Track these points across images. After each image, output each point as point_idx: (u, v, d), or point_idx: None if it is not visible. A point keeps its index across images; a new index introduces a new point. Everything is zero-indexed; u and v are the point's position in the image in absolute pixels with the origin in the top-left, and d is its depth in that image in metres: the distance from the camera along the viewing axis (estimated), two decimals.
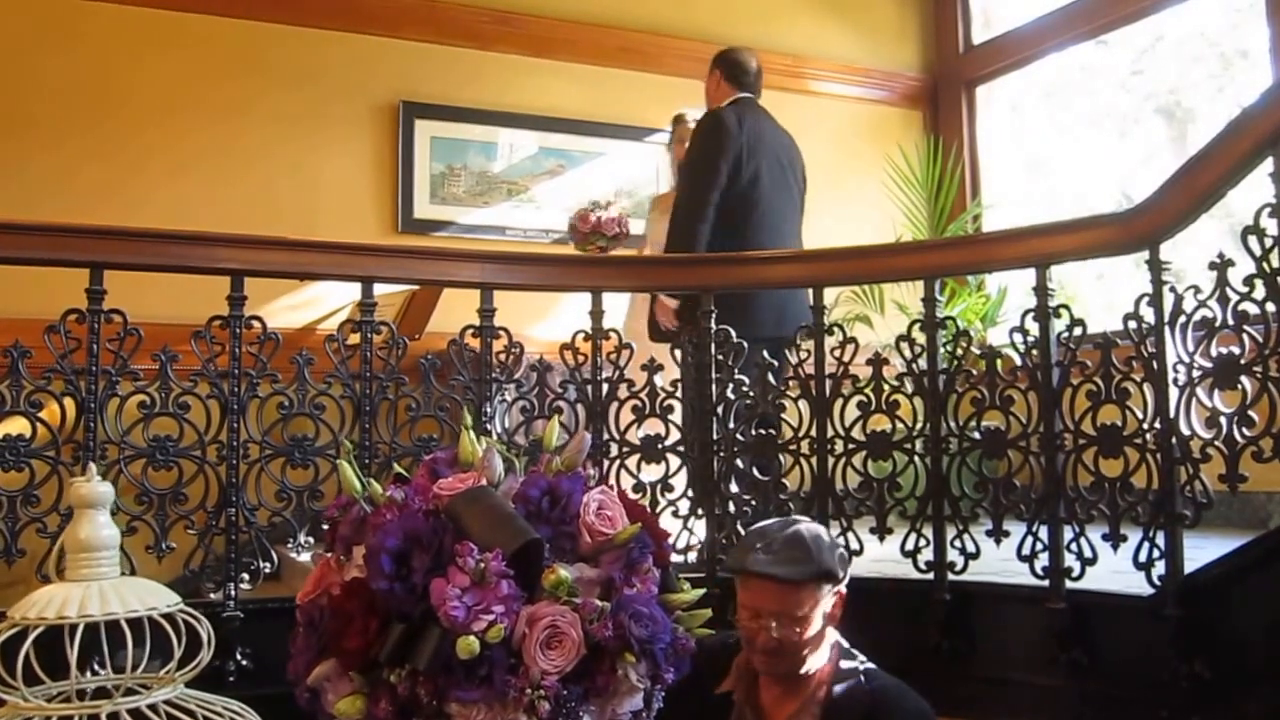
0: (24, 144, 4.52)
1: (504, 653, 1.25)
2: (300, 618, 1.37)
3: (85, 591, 0.99)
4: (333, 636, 1.30)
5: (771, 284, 3.33)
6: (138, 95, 4.78)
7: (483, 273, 2.96)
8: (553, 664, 1.26)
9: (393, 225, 5.09)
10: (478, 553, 1.26)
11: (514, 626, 1.26)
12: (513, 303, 3.07)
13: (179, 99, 4.83)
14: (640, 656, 1.30)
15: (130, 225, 2.82)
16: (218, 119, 4.88)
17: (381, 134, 5.17)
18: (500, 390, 2.93)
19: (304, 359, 2.79)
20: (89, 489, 1.04)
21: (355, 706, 1.28)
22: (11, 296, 2.83)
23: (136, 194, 4.57)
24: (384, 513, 1.34)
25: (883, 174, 5.62)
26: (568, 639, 1.27)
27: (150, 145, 4.74)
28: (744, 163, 3.86)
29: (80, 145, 4.62)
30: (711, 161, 3.81)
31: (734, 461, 2.97)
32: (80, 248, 2.69)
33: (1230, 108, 4.85)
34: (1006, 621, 2.74)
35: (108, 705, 0.95)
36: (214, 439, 2.72)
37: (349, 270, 2.95)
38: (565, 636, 1.27)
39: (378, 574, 1.28)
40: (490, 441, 1.42)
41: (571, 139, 5.41)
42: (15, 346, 2.60)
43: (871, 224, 5.14)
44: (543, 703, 1.25)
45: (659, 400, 2.96)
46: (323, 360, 2.82)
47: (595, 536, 1.36)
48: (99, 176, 4.57)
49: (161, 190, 4.61)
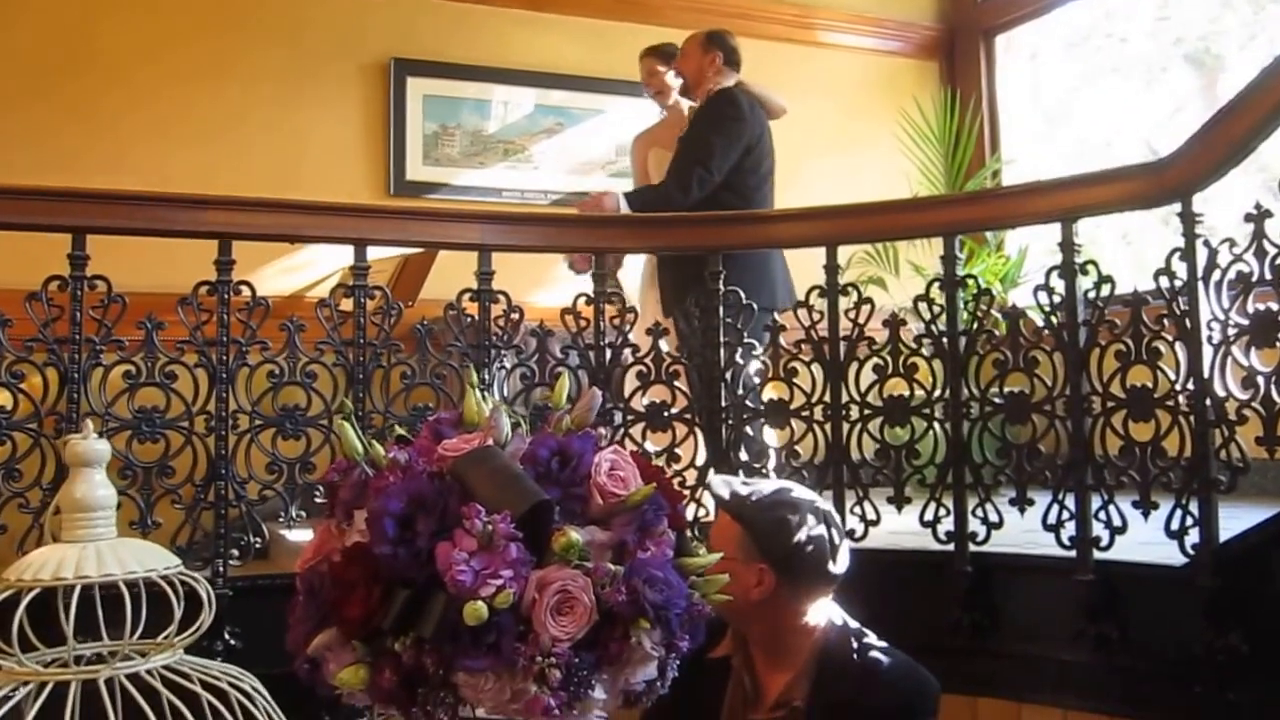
0: None
1: (513, 619, 1.25)
2: (299, 586, 1.37)
3: (81, 553, 0.99)
4: (334, 605, 1.30)
5: (782, 243, 3.33)
6: (113, 51, 4.75)
7: (481, 234, 2.95)
8: (564, 631, 1.26)
9: (384, 188, 5.07)
10: (485, 515, 1.26)
11: (523, 592, 1.26)
12: (512, 266, 3.07)
13: (156, 56, 4.80)
14: (654, 623, 1.30)
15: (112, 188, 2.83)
16: (198, 77, 4.85)
17: (371, 92, 5.14)
18: (499, 357, 2.93)
19: (294, 325, 2.79)
20: (85, 446, 1.04)
21: (358, 677, 1.28)
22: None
23: (112, 156, 4.54)
24: (386, 475, 1.34)
25: (897, 129, 5.59)
26: (579, 604, 1.27)
27: (127, 105, 4.71)
28: (750, 155, 4.01)
29: (52, 104, 4.59)
30: (730, 141, 3.93)
31: (743, 429, 2.97)
32: (61, 212, 2.69)
33: (1263, 55, 4.82)
34: (1031, 594, 2.75)
35: (105, 670, 0.96)
36: (201, 410, 2.73)
37: (341, 233, 2.95)
38: (576, 602, 1.27)
39: (380, 539, 1.28)
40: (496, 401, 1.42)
41: (570, 95, 5.38)
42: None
43: (885, 182, 5.11)
44: (553, 671, 1.25)
45: (665, 366, 2.96)
46: (314, 327, 2.82)
47: (607, 498, 1.36)
48: (72, 137, 4.55)
49: (139, 152, 4.58)
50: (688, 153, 3.98)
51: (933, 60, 6.28)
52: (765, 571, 2.10)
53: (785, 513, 2.15)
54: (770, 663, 2.18)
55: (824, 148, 4.24)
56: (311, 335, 2.83)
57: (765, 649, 2.18)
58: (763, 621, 2.14)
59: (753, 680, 2.19)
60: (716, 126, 4.02)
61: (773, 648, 2.17)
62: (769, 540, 2.12)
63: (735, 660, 2.19)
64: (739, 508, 2.17)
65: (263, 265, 4.23)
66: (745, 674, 2.19)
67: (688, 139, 4.07)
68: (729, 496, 2.19)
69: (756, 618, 2.13)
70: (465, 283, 2.94)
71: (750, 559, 2.11)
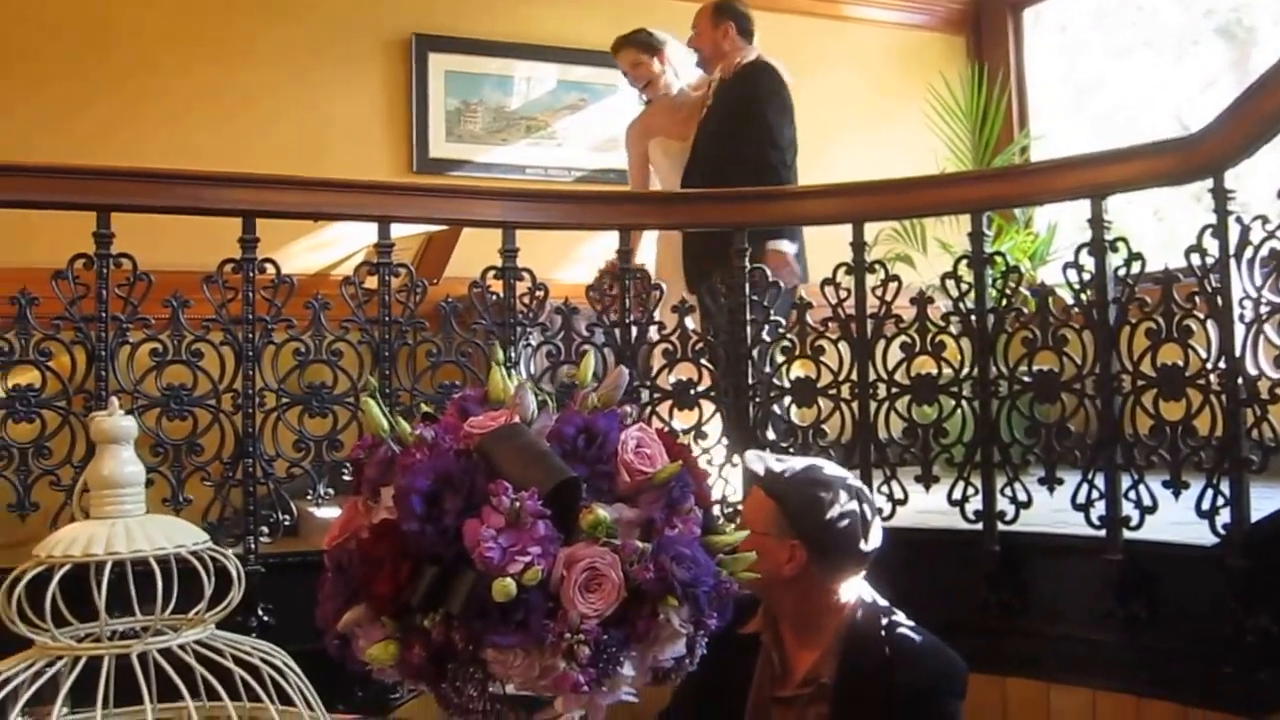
0: (17, 82, 4.52)
1: (541, 596, 1.26)
2: (328, 563, 1.38)
3: (111, 529, 1.00)
4: (362, 581, 1.31)
5: (808, 220, 3.32)
6: (135, 30, 4.76)
7: (505, 211, 2.96)
8: (592, 607, 1.26)
9: (407, 165, 5.07)
10: (512, 492, 1.27)
11: (551, 569, 1.27)
12: (536, 243, 3.07)
13: (180, 35, 4.81)
14: (683, 600, 1.31)
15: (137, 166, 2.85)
16: (221, 56, 4.85)
17: (393, 69, 5.13)
18: (525, 334, 2.94)
19: (320, 303, 2.81)
20: (111, 423, 1.05)
21: (388, 652, 1.29)
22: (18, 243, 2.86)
23: (135, 134, 4.55)
24: (413, 452, 1.34)
25: (923, 105, 5.55)
26: (607, 581, 1.27)
27: (150, 84, 4.72)
28: None
29: (76, 84, 4.61)
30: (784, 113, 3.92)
31: (770, 407, 2.97)
32: (87, 190, 2.71)
33: None
34: (1060, 574, 2.75)
35: (138, 645, 0.97)
36: (229, 388, 2.75)
37: (365, 210, 2.96)
38: (605, 579, 1.27)
39: (408, 516, 1.29)
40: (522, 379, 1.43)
41: (593, 71, 5.34)
42: (23, 294, 2.64)
43: (912, 158, 5.07)
44: (582, 648, 1.26)
45: (691, 344, 2.96)
46: (340, 305, 2.83)
47: (634, 475, 1.36)
48: (95, 116, 4.56)
49: (163, 132, 4.59)
50: (757, 139, 3.91)
51: (960, 34, 6.23)
52: (797, 548, 2.12)
53: (818, 489, 2.17)
54: (799, 640, 2.19)
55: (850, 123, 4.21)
56: (337, 313, 2.84)
57: (795, 626, 2.19)
58: (793, 597, 2.15)
59: (781, 657, 2.20)
60: (767, 101, 3.96)
61: (802, 625, 2.18)
62: (802, 517, 2.13)
63: (765, 637, 2.21)
64: (773, 483, 2.17)
65: (288, 243, 4.26)
66: (774, 651, 2.20)
67: (746, 119, 4.00)
68: (763, 472, 2.20)
69: (787, 594, 2.14)
70: (490, 260, 2.95)
71: (783, 535, 2.12)
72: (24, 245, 2.88)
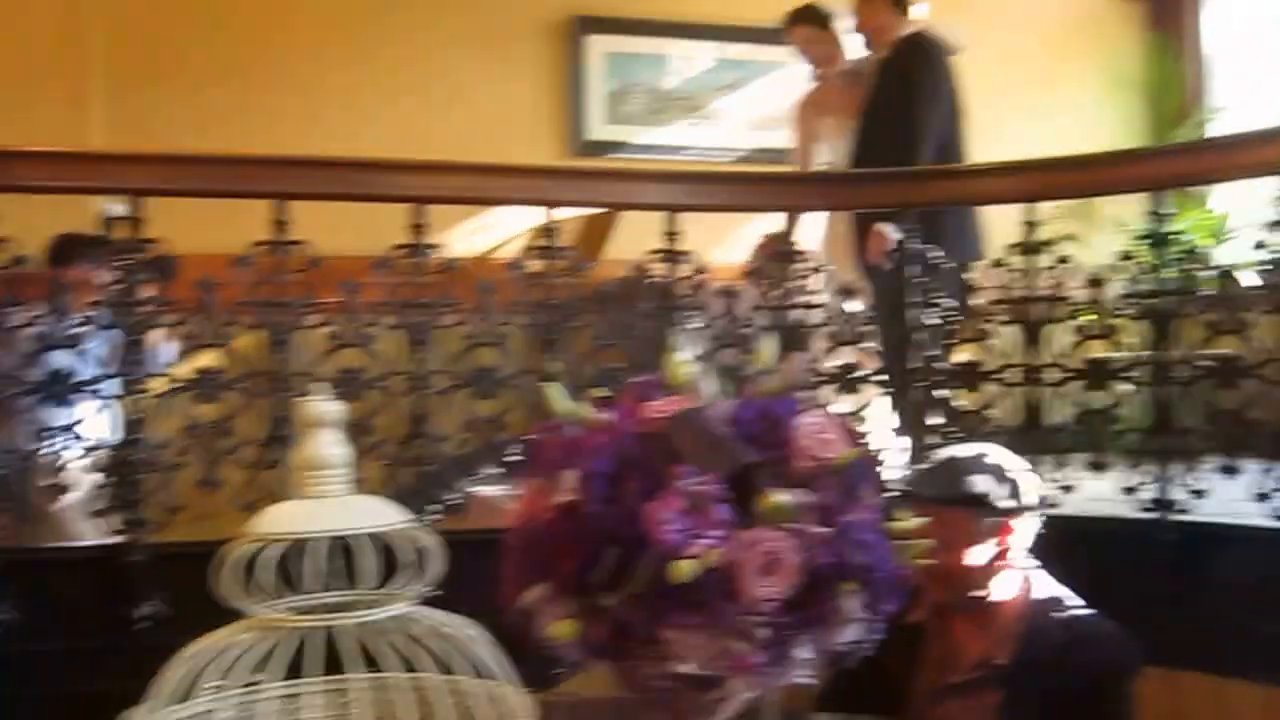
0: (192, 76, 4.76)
1: (720, 578, 1.28)
2: (510, 542, 1.43)
3: (320, 508, 1.06)
4: (545, 561, 1.36)
5: (978, 200, 3.26)
6: (300, 22, 4.95)
7: (668, 194, 2.98)
8: (770, 591, 1.28)
9: (566, 148, 5.14)
10: (693, 476, 1.29)
11: (730, 552, 1.29)
12: (698, 224, 3.08)
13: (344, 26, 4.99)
14: (860, 586, 1.32)
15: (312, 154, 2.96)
16: (381, 43, 5.01)
17: (553, 52, 5.20)
18: (687, 318, 2.96)
19: (486, 287, 2.88)
20: (317, 407, 1.11)
21: (570, 630, 1.33)
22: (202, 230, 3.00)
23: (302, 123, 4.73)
24: (595, 436, 1.38)
25: (1097, 75, 5.36)
26: (785, 566, 1.29)
27: (316, 74, 4.91)
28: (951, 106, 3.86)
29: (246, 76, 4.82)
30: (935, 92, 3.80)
31: (934, 391, 2.93)
32: (266, 178, 2.83)
33: None
34: (1238, 565, 2.65)
35: (348, 619, 1.03)
36: (400, 370, 2.84)
37: (531, 194, 3.02)
38: (783, 563, 1.29)
39: (591, 498, 1.32)
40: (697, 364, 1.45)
41: (751, 49, 5.31)
42: (206, 280, 2.77)
43: (1082, 131, 4.91)
44: (760, 630, 1.28)
45: (855, 327, 2.94)
46: (505, 288, 2.90)
47: (812, 461, 1.37)
48: (264, 107, 4.77)
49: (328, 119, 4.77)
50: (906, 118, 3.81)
51: (1138, 2, 5.98)
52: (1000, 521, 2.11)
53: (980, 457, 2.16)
54: (970, 625, 2.16)
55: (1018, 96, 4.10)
56: (503, 296, 2.91)
57: (967, 614, 2.16)
58: (989, 573, 2.13)
59: (949, 644, 2.18)
60: (925, 75, 3.89)
61: (976, 612, 2.15)
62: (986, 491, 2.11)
63: (930, 625, 2.18)
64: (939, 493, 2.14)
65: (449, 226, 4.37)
66: (940, 638, 2.18)
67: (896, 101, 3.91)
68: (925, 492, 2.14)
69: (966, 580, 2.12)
70: (645, 241, 2.97)
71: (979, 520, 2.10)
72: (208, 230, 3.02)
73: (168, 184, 2.77)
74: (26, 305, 2.63)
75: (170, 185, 2.77)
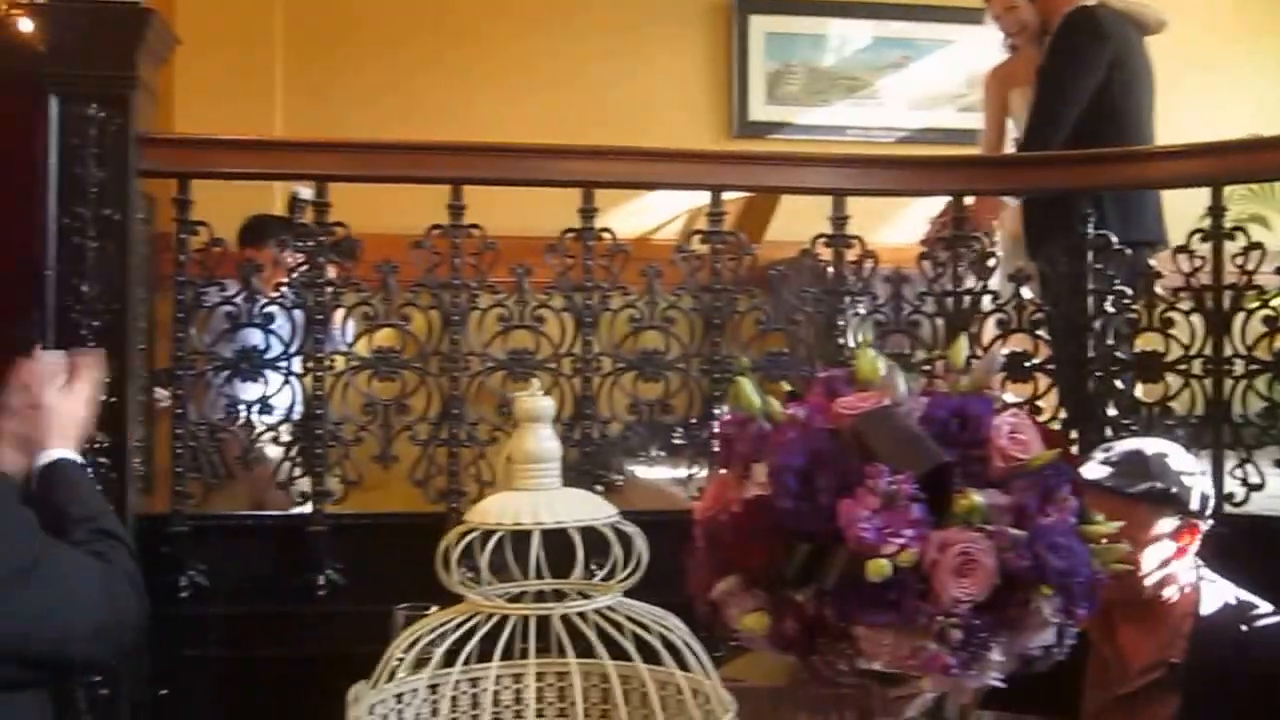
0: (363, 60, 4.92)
1: (914, 578, 1.28)
2: (698, 532, 1.46)
3: (534, 500, 1.10)
4: (735, 553, 1.38)
5: (1159, 183, 3.15)
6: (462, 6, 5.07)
7: (835, 178, 2.96)
8: (965, 592, 1.27)
9: (727, 129, 5.15)
10: (888, 474, 1.29)
11: (924, 551, 1.29)
12: (862, 206, 3.05)
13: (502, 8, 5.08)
14: (1057, 590, 1.30)
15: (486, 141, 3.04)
16: (543, 27, 5.10)
17: (714, 33, 5.21)
18: (853, 303, 2.94)
19: (653, 271, 2.91)
20: (533, 403, 1.15)
21: (760, 623, 1.35)
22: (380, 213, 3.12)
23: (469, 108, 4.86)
24: (785, 430, 1.39)
25: None
26: (981, 567, 1.28)
27: (473, 57, 5.03)
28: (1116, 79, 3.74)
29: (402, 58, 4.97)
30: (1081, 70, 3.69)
31: (1112, 382, 2.86)
32: (441, 164, 2.91)
33: None
34: None
35: (560, 608, 1.07)
36: (568, 352, 2.90)
37: (697, 179, 3.04)
38: (978, 565, 1.28)
39: (783, 493, 1.33)
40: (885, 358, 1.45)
41: (913, 26, 5.23)
42: (385, 262, 2.87)
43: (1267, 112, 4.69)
44: (953, 631, 1.28)
45: (1026, 314, 2.88)
46: (670, 272, 2.92)
47: (1008, 461, 1.36)
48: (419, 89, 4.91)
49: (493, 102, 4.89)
50: (1044, 92, 3.75)
51: None
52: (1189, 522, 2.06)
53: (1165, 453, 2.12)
54: (1139, 629, 2.11)
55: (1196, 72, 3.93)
56: (667, 280, 2.94)
57: (1135, 616, 2.11)
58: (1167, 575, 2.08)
59: (1115, 651, 2.13)
60: (1069, 55, 3.76)
61: (1144, 614, 2.10)
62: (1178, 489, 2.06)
63: (1093, 634, 2.13)
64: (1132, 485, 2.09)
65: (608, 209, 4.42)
66: (1107, 642, 2.13)
67: (1044, 74, 3.83)
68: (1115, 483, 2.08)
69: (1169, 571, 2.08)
70: (807, 223, 2.96)
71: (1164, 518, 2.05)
72: (386, 214, 3.13)
73: (351, 170, 2.88)
74: (220, 284, 2.76)
75: (354, 171, 2.89)
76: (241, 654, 2.71)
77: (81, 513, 1.81)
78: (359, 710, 1.09)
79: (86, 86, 2.54)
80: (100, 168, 2.53)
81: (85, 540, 1.75)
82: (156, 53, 2.67)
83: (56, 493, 1.82)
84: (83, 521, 1.79)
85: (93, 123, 2.52)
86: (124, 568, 1.77)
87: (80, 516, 1.79)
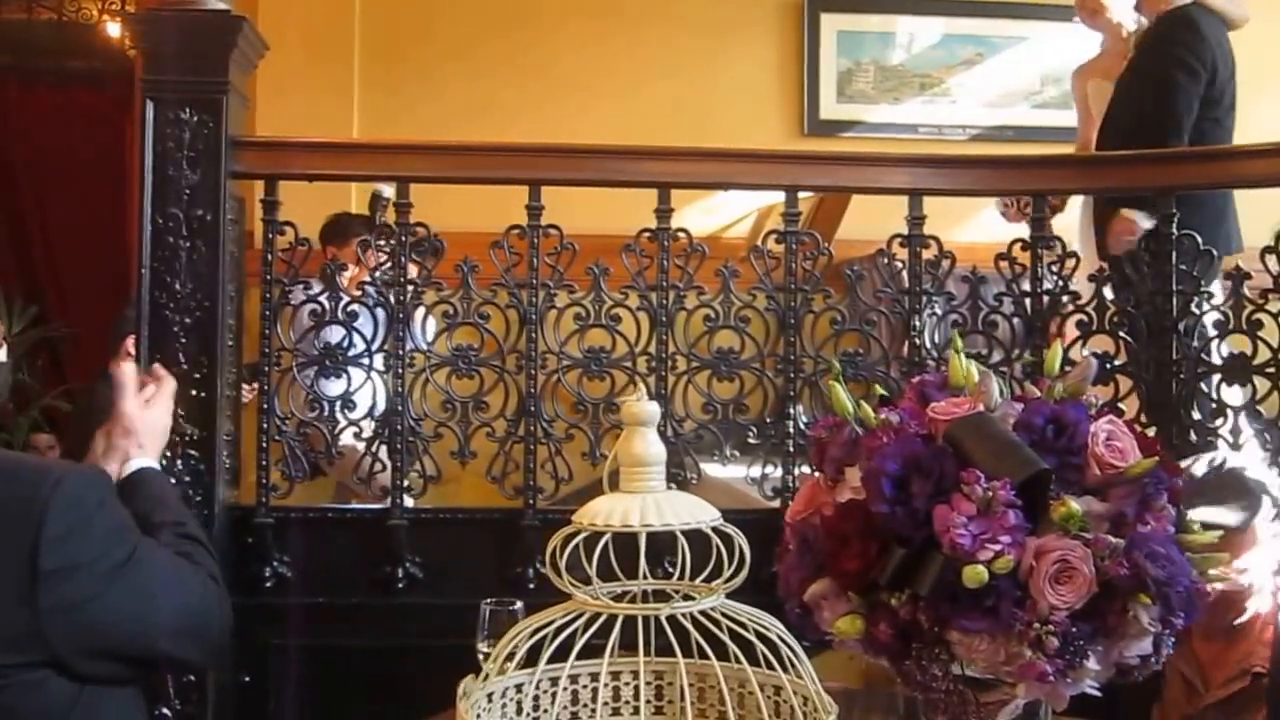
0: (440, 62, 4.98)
1: (1011, 584, 1.28)
2: (790, 535, 1.46)
3: (642, 503, 1.12)
4: (829, 557, 1.38)
5: (1247, 182, 3.09)
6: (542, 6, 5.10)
7: (913, 178, 2.95)
8: (1062, 600, 1.27)
9: (798, 128, 5.13)
10: (985, 481, 1.29)
11: (1020, 558, 1.29)
12: (938, 204, 3.04)
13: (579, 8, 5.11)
14: (1155, 599, 1.29)
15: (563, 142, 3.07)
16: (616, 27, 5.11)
17: (785, 31, 5.19)
18: (929, 303, 2.93)
19: (729, 270, 2.91)
20: (640, 407, 1.17)
21: (855, 626, 1.35)
22: (461, 213, 3.17)
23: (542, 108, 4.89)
24: (879, 436, 1.40)
25: None
26: (1078, 575, 1.28)
27: (551, 57, 5.06)
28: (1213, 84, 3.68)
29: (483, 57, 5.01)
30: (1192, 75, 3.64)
31: (1197, 385, 2.82)
32: (520, 165, 2.94)
33: None
34: None
35: (665, 608, 1.09)
36: (643, 351, 2.91)
37: (772, 179, 3.04)
38: (1076, 572, 1.28)
39: (878, 497, 1.34)
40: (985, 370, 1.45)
41: (985, 23, 5.18)
42: (465, 261, 2.90)
43: None
44: (1050, 639, 1.27)
45: (1108, 315, 2.85)
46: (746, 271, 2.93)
47: (1104, 469, 1.35)
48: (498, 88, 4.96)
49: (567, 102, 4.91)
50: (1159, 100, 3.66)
51: None
52: None
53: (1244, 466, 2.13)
54: (1220, 643, 2.09)
55: None
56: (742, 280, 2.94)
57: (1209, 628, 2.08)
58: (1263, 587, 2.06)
59: (1194, 668, 2.11)
60: (1177, 59, 3.70)
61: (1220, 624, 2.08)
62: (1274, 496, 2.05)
63: None
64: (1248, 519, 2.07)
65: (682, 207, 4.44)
66: (1183, 663, 2.11)
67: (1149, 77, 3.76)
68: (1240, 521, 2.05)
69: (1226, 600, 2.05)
70: (879, 221, 2.95)
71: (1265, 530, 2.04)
72: (466, 213, 3.18)
73: (434, 171, 2.92)
74: (305, 283, 2.82)
75: (436, 173, 2.93)
76: (322, 643, 2.76)
77: (166, 518, 1.85)
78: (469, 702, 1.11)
79: (180, 92, 2.60)
80: (193, 170, 2.59)
81: (171, 543, 1.79)
82: (247, 59, 2.73)
83: (141, 499, 1.87)
84: (168, 526, 1.83)
85: (185, 127, 2.58)
86: (209, 570, 1.81)
87: (165, 521, 1.84)
